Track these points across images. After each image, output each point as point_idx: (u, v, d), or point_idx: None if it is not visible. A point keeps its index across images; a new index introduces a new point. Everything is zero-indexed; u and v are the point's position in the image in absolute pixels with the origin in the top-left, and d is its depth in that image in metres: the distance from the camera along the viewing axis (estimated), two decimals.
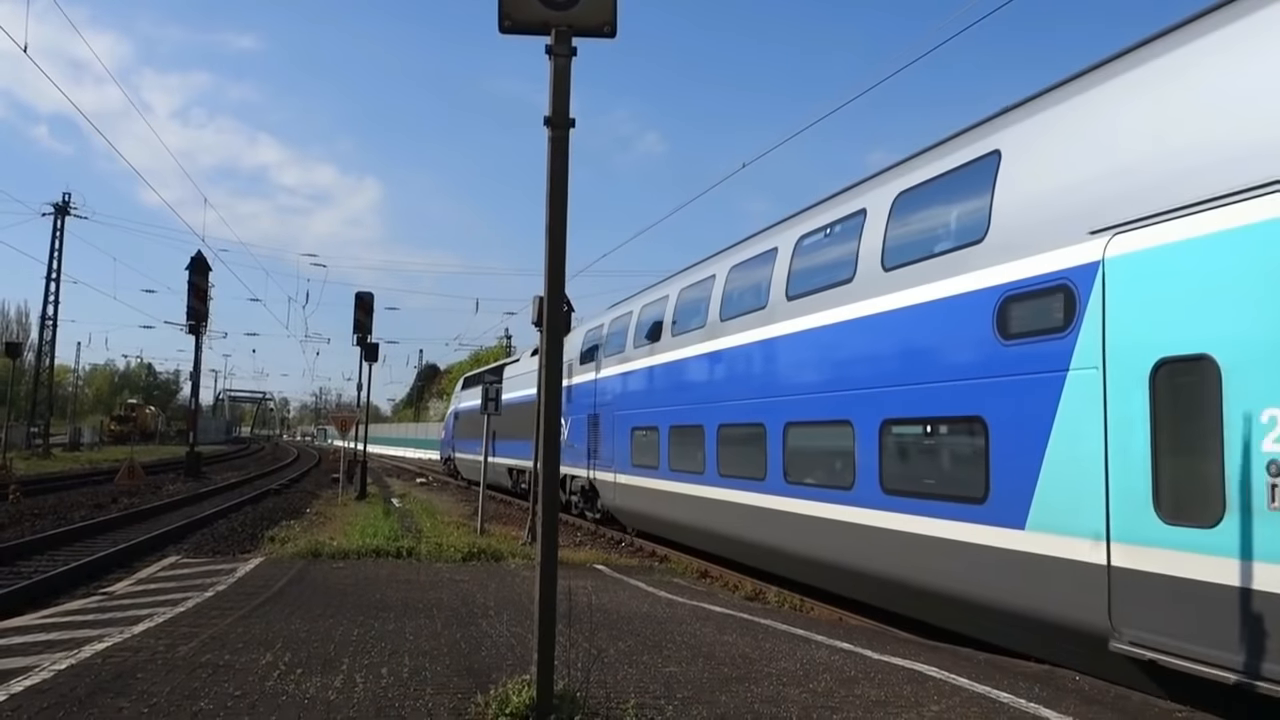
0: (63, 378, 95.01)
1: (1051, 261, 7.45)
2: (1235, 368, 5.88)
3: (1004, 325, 7.98)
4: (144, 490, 27.62)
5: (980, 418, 8.21)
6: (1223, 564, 5.85)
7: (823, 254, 11.46)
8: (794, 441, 11.65)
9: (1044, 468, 7.41)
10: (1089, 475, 6.89)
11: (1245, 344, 5.84)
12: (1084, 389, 7.02)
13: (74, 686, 5.53)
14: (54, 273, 52.24)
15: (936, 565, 8.70)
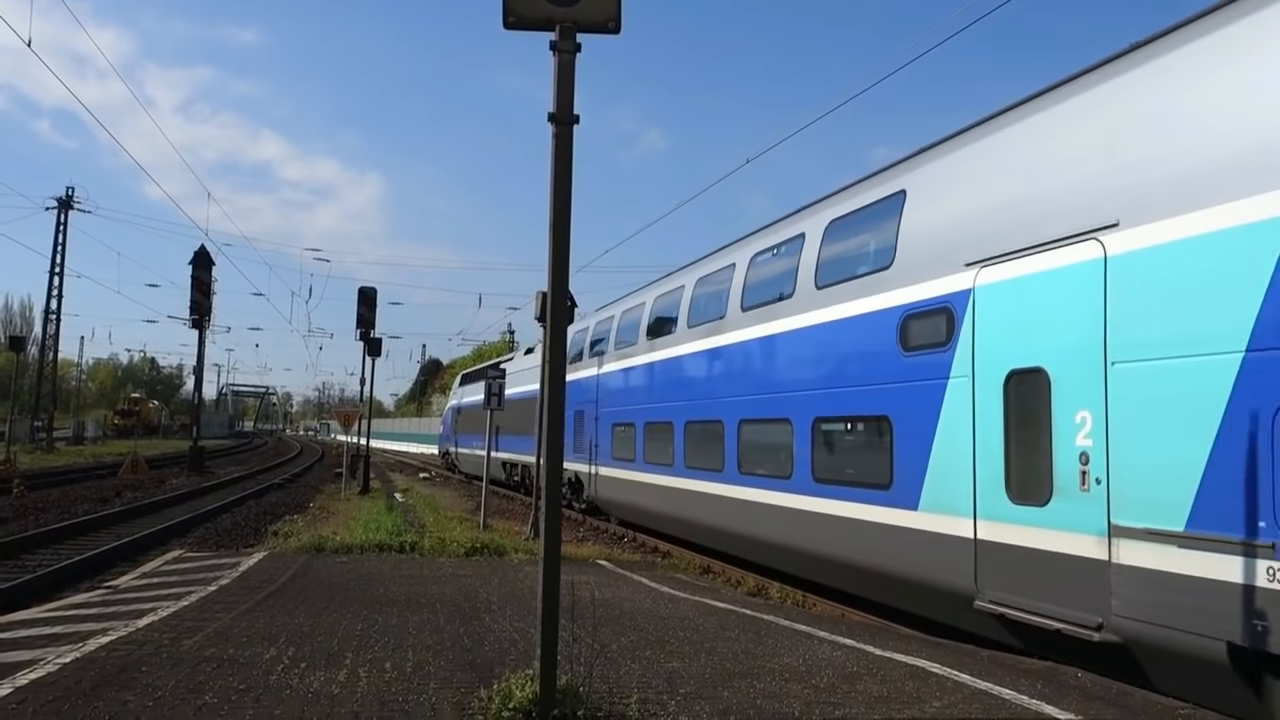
0: (66, 372, 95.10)
1: (939, 287, 8.93)
2: (1059, 378, 7.36)
3: (905, 339, 9.43)
4: (147, 484, 27.67)
5: (887, 417, 9.69)
6: (1050, 535, 7.33)
7: (771, 271, 12.91)
8: (746, 437, 13.12)
9: (931, 459, 8.90)
10: (962, 464, 8.38)
11: (1065, 359, 7.30)
12: (959, 394, 8.52)
13: (79, 680, 5.55)
14: (57, 267, 52.36)
15: (855, 543, 10.17)
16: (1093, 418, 7.02)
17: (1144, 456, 6.58)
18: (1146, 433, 6.57)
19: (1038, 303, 7.65)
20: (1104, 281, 7.00)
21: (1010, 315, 7.97)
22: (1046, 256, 7.60)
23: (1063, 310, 7.36)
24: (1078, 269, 7.27)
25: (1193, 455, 6.20)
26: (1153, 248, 6.68)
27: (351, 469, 27.81)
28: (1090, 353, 7.06)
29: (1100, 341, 6.99)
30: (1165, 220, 6.61)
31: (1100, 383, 6.96)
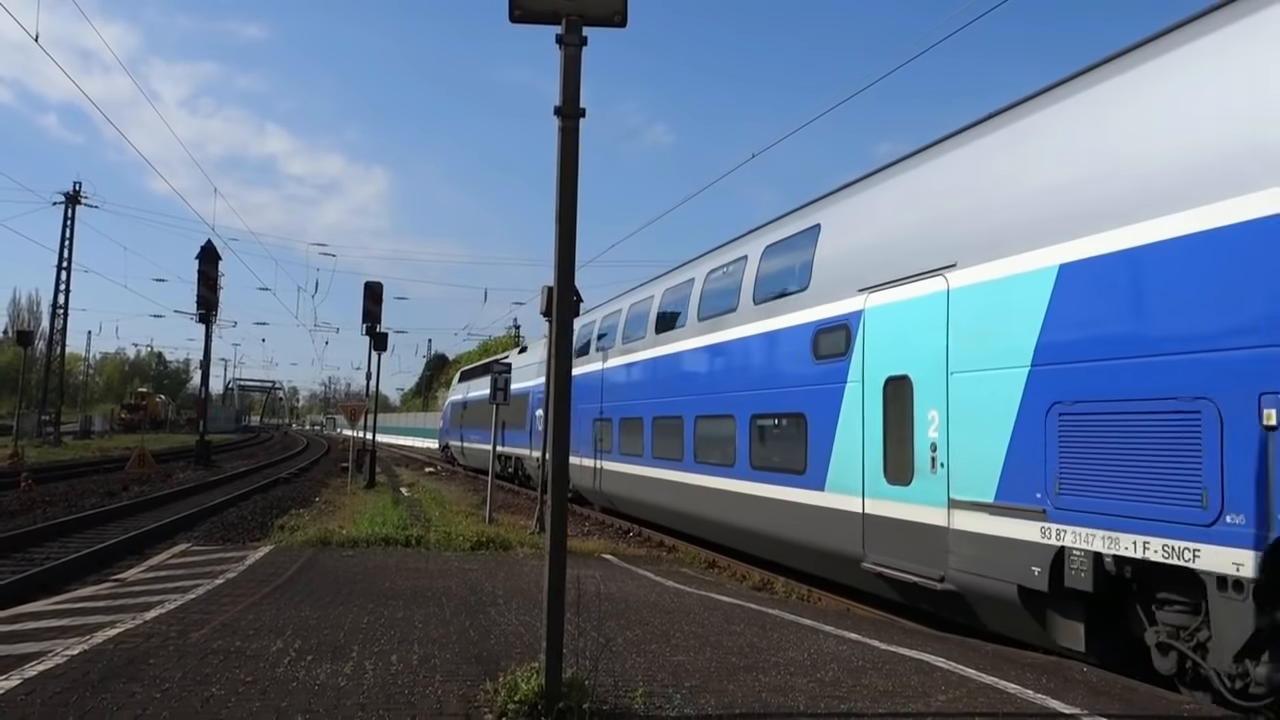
0: (73, 366, 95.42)
1: (841, 307, 10.72)
2: (919, 384, 9.13)
3: (816, 349, 11.23)
4: (154, 478, 27.77)
5: (803, 414, 11.46)
6: (912, 508, 9.11)
7: (721, 286, 14.69)
8: (701, 430, 14.87)
9: (834, 448, 10.69)
10: (855, 452, 10.19)
11: (923, 368, 9.06)
12: (854, 395, 10.34)
13: (86, 672, 5.58)
14: (65, 261, 52.47)
15: (780, 519, 11.96)
16: (939, 415, 8.80)
17: (969, 445, 8.39)
18: (970, 427, 8.40)
19: (906, 322, 9.45)
20: (947, 308, 8.82)
21: (888, 332, 9.79)
22: (913, 286, 9.40)
23: (922, 329, 9.14)
24: (931, 297, 9.09)
25: (998, 444, 7.95)
26: (975, 284, 8.50)
27: (357, 463, 27.87)
28: (938, 364, 8.85)
29: (944, 355, 8.78)
30: (984, 264, 8.39)
31: (944, 388, 8.75)
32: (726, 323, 13.98)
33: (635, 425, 17.94)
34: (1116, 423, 6.88)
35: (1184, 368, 6.37)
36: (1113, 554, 6.82)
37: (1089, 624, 7.34)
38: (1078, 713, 5.58)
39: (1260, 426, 5.79)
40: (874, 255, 10.28)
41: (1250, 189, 6.05)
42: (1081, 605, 7.34)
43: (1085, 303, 7.30)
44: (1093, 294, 7.22)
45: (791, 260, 12.29)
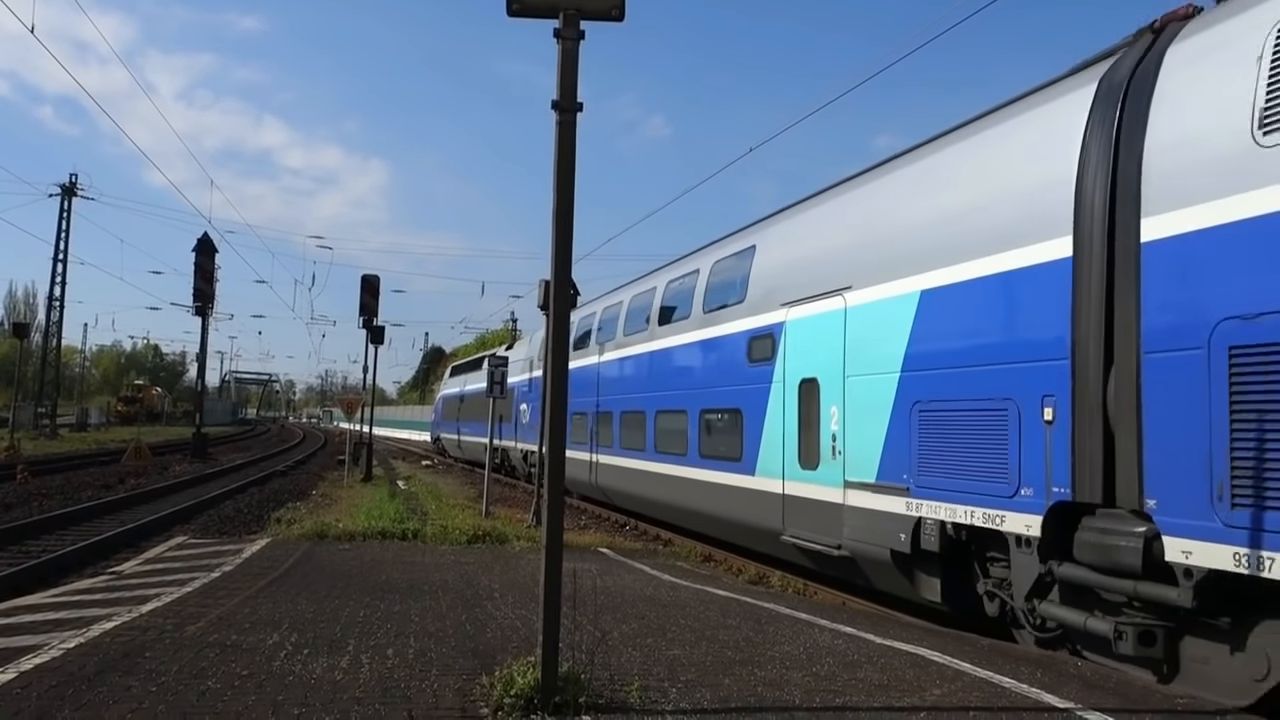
0: (70, 359, 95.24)
1: (769, 319, 12.37)
2: (824, 385, 10.83)
3: (750, 354, 12.91)
4: (151, 471, 27.77)
5: (740, 409, 13.10)
6: (818, 489, 10.78)
7: (678, 296, 16.37)
8: (661, 424, 16.45)
9: (763, 439, 12.29)
10: (778, 442, 11.83)
11: (827, 372, 10.73)
12: (777, 394, 11.96)
13: (83, 665, 5.58)
14: (61, 254, 52.41)
15: (721, 501, 13.70)
16: (839, 411, 10.47)
17: (859, 436, 10.04)
18: (860, 421, 10.03)
19: (816, 333, 11.13)
20: (844, 322, 10.48)
21: (803, 340, 11.48)
22: (820, 302, 11.06)
23: (826, 339, 10.79)
24: (833, 313, 10.72)
25: (879, 435, 9.60)
26: (864, 304, 10.16)
27: (354, 456, 27.87)
28: (838, 368, 10.51)
29: (842, 361, 10.45)
30: (871, 286, 10.06)
31: (842, 388, 10.43)
32: (681, 328, 15.85)
33: (607, 419, 19.65)
34: (955, 418, 8.58)
35: (997, 376, 8.08)
36: (952, 522, 8.52)
37: (943, 580, 8.97)
38: (1072, 706, 5.60)
39: (1042, 421, 7.53)
40: (794, 275, 11.99)
41: (1031, 241, 7.85)
42: (937, 564, 8.96)
43: (936, 322, 9.00)
44: (941, 315, 8.92)
45: (734, 275, 14.04)
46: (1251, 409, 5.85)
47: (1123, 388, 6.87)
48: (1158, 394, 6.56)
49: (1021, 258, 7.92)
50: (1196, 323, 6.29)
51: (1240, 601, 6.13)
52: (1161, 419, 6.52)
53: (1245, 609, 6.13)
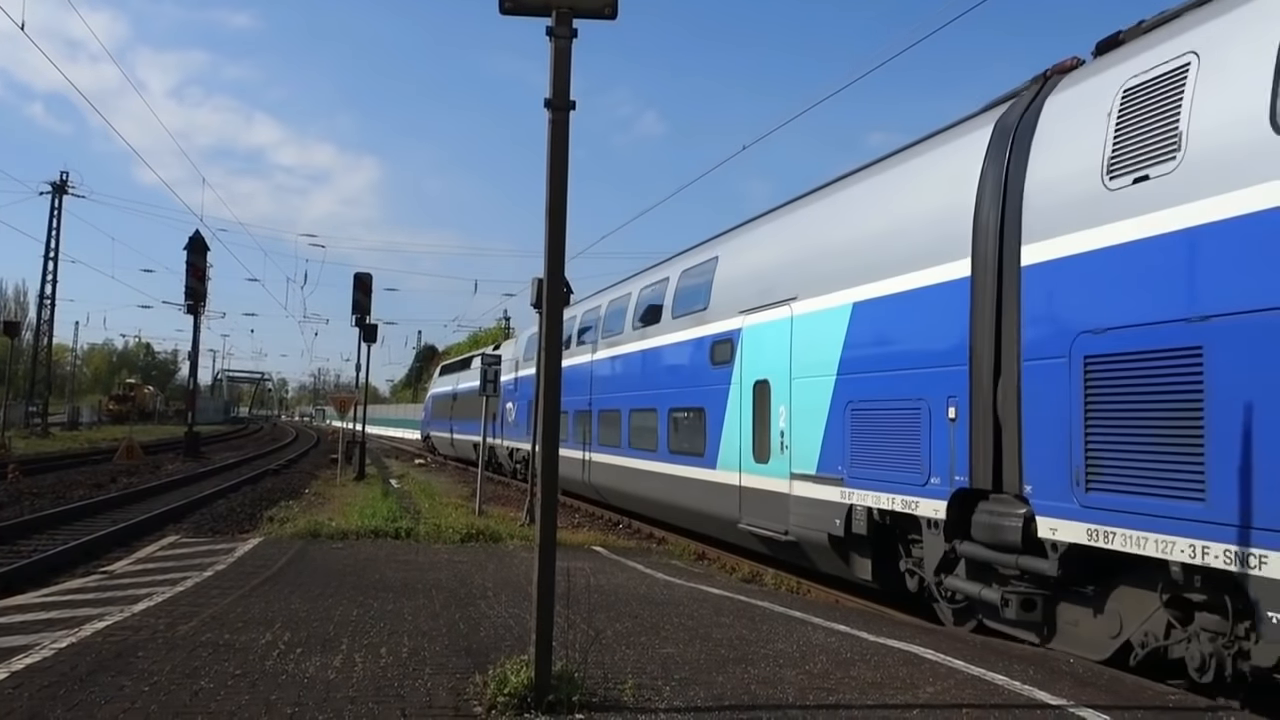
0: (61, 357, 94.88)
1: (729, 325, 13.44)
2: (774, 386, 11.85)
3: (713, 356, 13.95)
4: (143, 470, 27.68)
5: (703, 408, 14.21)
6: (769, 480, 11.82)
7: (650, 301, 17.44)
8: (635, 422, 17.52)
9: (723, 435, 13.39)
10: (735, 438, 12.91)
11: (777, 375, 11.77)
12: (735, 394, 13.00)
13: (75, 665, 5.56)
14: (52, 252, 52.12)
15: (688, 493, 14.82)
16: (786, 410, 11.45)
17: (803, 432, 11.06)
18: (804, 418, 11.07)
19: (768, 339, 12.13)
20: (791, 329, 11.51)
21: (757, 345, 12.49)
22: (772, 311, 12.08)
23: (776, 344, 11.83)
24: (782, 321, 11.75)
25: (819, 431, 10.65)
26: (808, 313, 11.21)
27: (347, 455, 27.82)
28: (786, 371, 11.52)
29: (789, 364, 11.47)
30: (813, 297, 11.10)
31: (789, 389, 11.43)
32: (653, 332, 16.95)
33: (585, 417, 20.71)
34: (880, 416, 9.68)
35: (912, 379, 9.15)
36: (878, 508, 9.60)
37: (873, 560, 10.09)
38: (1064, 703, 5.62)
39: (947, 419, 8.56)
40: (750, 285, 13.04)
41: (939, 262, 8.87)
42: (868, 547, 10.05)
43: (865, 331, 10.10)
44: (869, 325, 10.03)
45: (699, 283, 15.14)
46: (1099, 408, 6.93)
47: (1008, 390, 7.93)
48: (1033, 396, 7.64)
49: (931, 276, 9.03)
50: (1060, 335, 7.37)
51: (1100, 571, 7.27)
52: (1035, 417, 7.60)
53: (1103, 577, 7.28)
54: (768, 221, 13.49)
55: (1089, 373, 7.03)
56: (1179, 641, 6.65)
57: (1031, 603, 7.74)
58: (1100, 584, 7.31)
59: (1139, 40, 7.48)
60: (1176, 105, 6.63)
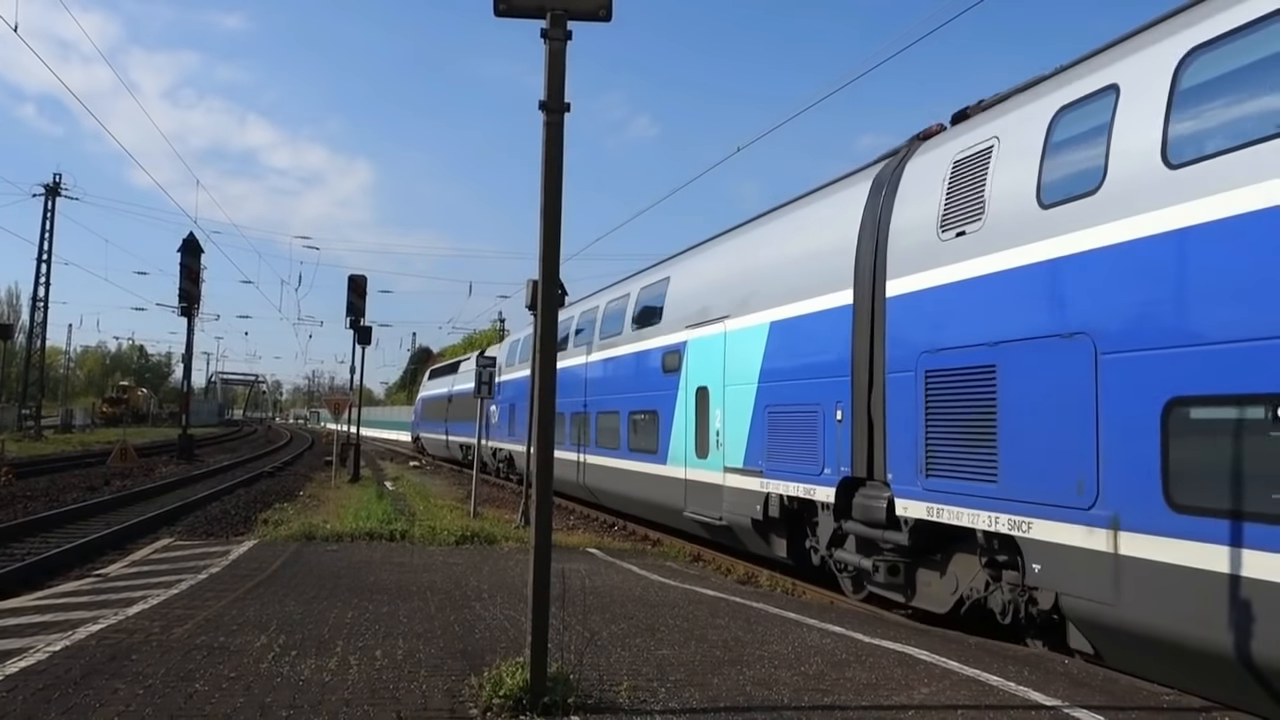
0: (54, 360, 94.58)
1: (678, 337, 15.22)
2: (711, 391, 13.56)
3: (664, 365, 15.73)
4: (136, 472, 27.59)
5: (657, 410, 15.94)
6: (708, 474, 13.59)
7: (615, 314, 19.08)
8: (600, 423, 19.22)
9: (671, 434, 15.19)
10: (682, 437, 14.71)
11: (714, 382, 13.48)
12: (682, 398, 14.80)
13: (69, 668, 5.55)
14: (45, 254, 52.00)
15: (644, 487, 16.50)
16: (721, 413, 13.24)
17: (733, 432, 12.82)
18: (733, 420, 12.83)
19: (707, 351, 13.97)
20: (725, 343, 13.29)
21: (699, 356, 14.28)
22: (710, 326, 13.92)
23: (713, 356, 13.65)
24: (717, 335, 13.58)
25: (744, 431, 12.45)
26: (737, 329, 12.96)
27: (341, 457, 27.77)
28: (720, 379, 13.34)
29: (723, 373, 13.25)
30: (741, 316, 12.89)
31: (723, 395, 13.21)
32: (616, 342, 18.59)
33: (560, 420, 22.73)
34: (789, 418, 11.43)
35: (812, 387, 10.93)
36: (788, 495, 11.41)
37: (788, 540, 11.89)
38: (1059, 704, 5.63)
39: (836, 421, 10.34)
40: (694, 303, 14.82)
41: (831, 291, 10.64)
42: (783, 528, 11.87)
43: (779, 346, 11.81)
44: (782, 341, 11.75)
45: (654, 299, 16.91)
46: (934, 412, 8.70)
47: (877, 398, 9.66)
48: (892, 402, 9.39)
49: (825, 302, 10.81)
50: (910, 354, 9.11)
51: (941, 541, 8.93)
52: (894, 419, 9.35)
53: (944, 546, 8.97)
54: (710, 248, 15.51)
55: (928, 384, 8.82)
56: (993, 593, 8.33)
57: (896, 568, 9.51)
58: (943, 552, 9.05)
59: (970, 120, 9.31)
60: (983, 178, 8.39)
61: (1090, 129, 7.34)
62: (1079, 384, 7.05)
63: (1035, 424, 7.44)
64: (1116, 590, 6.66)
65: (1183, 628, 6.23)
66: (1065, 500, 7.12)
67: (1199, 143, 6.46)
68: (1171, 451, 6.33)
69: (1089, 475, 6.93)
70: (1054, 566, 7.27)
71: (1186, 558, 6.10)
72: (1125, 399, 6.72)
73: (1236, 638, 5.78)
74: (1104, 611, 6.86)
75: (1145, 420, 6.50)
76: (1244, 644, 5.74)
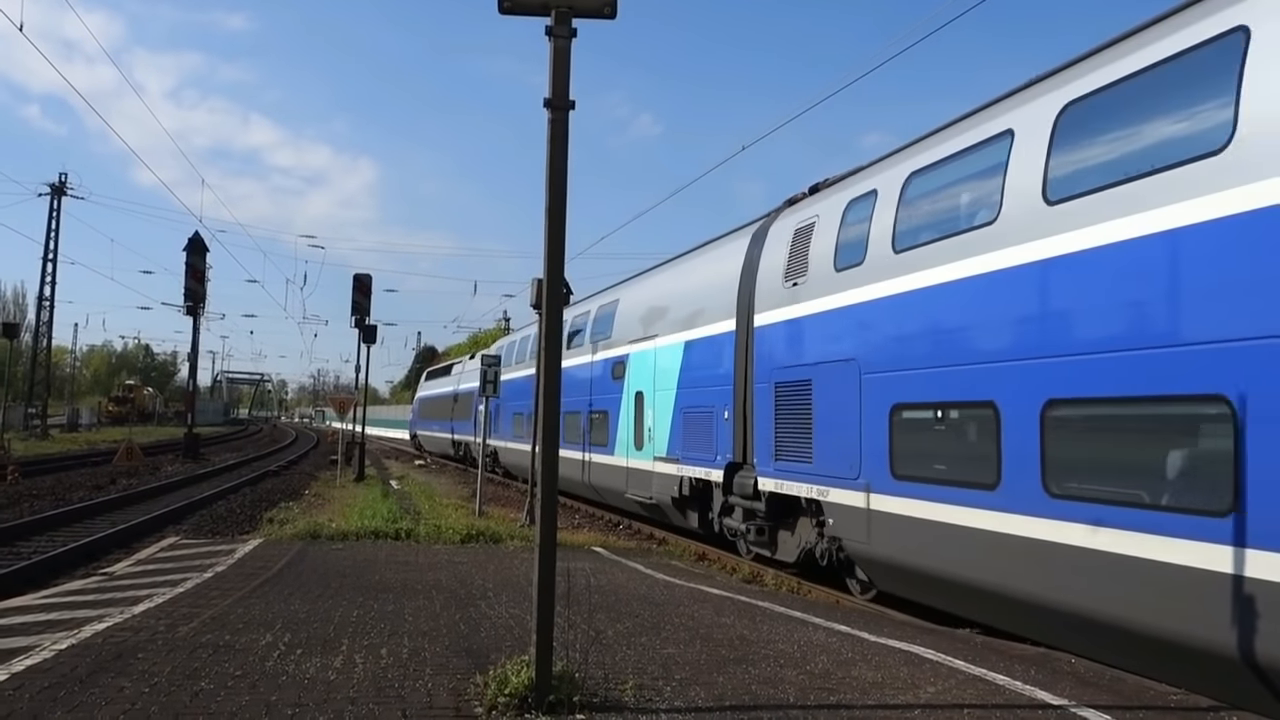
0: (60, 359, 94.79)
1: (623, 350, 18.20)
2: (645, 395, 16.64)
3: (612, 373, 18.70)
4: (142, 471, 27.66)
5: (607, 411, 18.87)
6: (643, 462, 16.56)
7: (579, 328, 21.92)
8: (568, 422, 20.94)
9: (619, 431, 18.02)
10: (625, 433, 17.63)
11: (648, 388, 16.55)
12: (625, 402, 17.78)
13: (75, 666, 5.55)
14: (51, 253, 52.09)
15: (597, 474, 19.53)
16: (652, 413, 16.31)
17: (659, 428, 15.90)
18: (659, 419, 15.93)
19: (643, 362, 17.00)
20: (655, 357, 16.42)
21: (637, 366, 17.34)
22: (646, 343, 17.01)
23: (648, 367, 16.71)
24: (649, 350, 16.73)
25: (667, 427, 15.54)
26: (663, 346, 16.14)
27: (347, 456, 27.80)
28: (651, 385, 16.45)
29: (653, 381, 16.36)
30: (666, 335, 16.14)
31: (653, 399, 16.26)
32: (579, 352, 21.21)
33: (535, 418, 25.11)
34: (695, 417, 14.63)
35: (709, 394, 14.16)
36: (695, 477, 14.63)
37: (699, 515, 15.05)
38: (1066, 703, 5.61)
39: (724, 419, 13.45)
40: (636, 323, 17.87)
41: (721, 320, 13.92)
42: (694, 504, 15.06)
43: (690, 360, 15.08)
44: (692, 357, 15.02)
45: (608, 318, 19.91)
46: (781, 413, 11.82)
47: (748, 402, 12.81)
48: (757, 406, 12.54)
49: (719, 328, 14.07)
50: (767, 370, 12.25)
51: (790, 509, 12.01)
52: (758, 418, 12.49)
53: (792, 512, 12.04)
54: (650, 276, 18.92)
55: (777, 393, 11.95)
56: (818, 544, 11.23)
57: (762, 530, 12.74)
58: (791, 516, 12.14)
59: (812, 197, 12.52)
60: (809, 244, 11.53)
61: (862, 217, 10.42)
62: (852, 394, 10.12)
63: (832, 421, 10.64)
64: (869, 533, 9.80)
65: (901, 555, 9.40)
66: (846, 474, 10.22)
67: (914, 235, 9.45)
68: (894, 438, 9.42)
69: (857, 456, 10.03)
70: (840, 520, 10.40)
71: (901, 509, 9.23)
72: (873, 405, 9.77)
73: (926, 558, 8.95)
74: (863, 548, 10.05)
75: (882, 419, 9.59)
76: (930, 560, 8.89)
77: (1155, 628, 6.49)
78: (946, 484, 8.57)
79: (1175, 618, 6.29)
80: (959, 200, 9.14)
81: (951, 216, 9.08)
